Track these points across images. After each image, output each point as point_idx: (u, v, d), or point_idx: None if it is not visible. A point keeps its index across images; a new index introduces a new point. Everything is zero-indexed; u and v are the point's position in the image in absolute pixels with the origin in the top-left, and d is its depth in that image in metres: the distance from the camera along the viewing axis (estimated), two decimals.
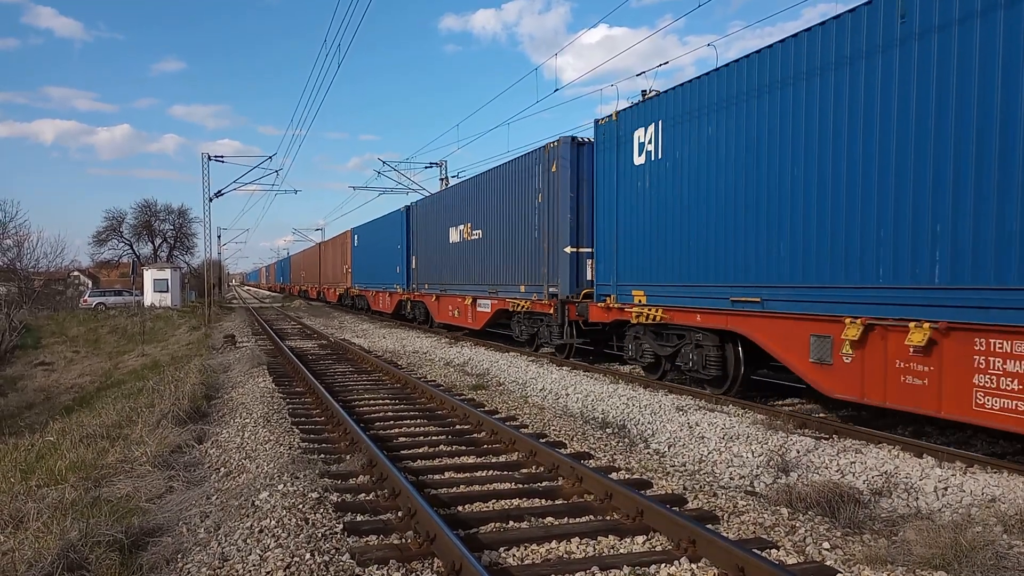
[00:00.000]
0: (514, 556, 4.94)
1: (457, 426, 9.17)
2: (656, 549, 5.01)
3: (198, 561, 4.78)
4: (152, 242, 67.08)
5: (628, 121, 12.20)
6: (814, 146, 8.41)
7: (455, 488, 6.47)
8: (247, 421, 9.30)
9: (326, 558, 4.75)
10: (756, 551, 4.63)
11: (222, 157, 33.36)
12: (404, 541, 5.10)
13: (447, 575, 4.48)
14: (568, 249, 14.19)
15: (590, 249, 13.82)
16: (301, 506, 5.68)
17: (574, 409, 10.39)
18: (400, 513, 5.57)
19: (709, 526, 5.20)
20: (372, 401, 11.04)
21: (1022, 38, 6.36)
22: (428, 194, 30.08)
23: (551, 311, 14.92)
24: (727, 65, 9.88)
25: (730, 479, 6.97)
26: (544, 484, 6.54)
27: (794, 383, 11.33)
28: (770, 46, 9.10)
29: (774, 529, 5.40)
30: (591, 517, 5.67)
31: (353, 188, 47.08)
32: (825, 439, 7.90)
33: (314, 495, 5.97)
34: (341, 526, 5.34)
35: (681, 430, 8.53)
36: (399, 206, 27.70)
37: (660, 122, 11.34)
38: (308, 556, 4.75)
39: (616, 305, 12.60)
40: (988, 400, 6.66)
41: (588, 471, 6.29)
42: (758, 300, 9.35)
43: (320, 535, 5.14)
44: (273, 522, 5.35)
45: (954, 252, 6.85)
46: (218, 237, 68.00)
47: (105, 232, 65.19)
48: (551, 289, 14.85)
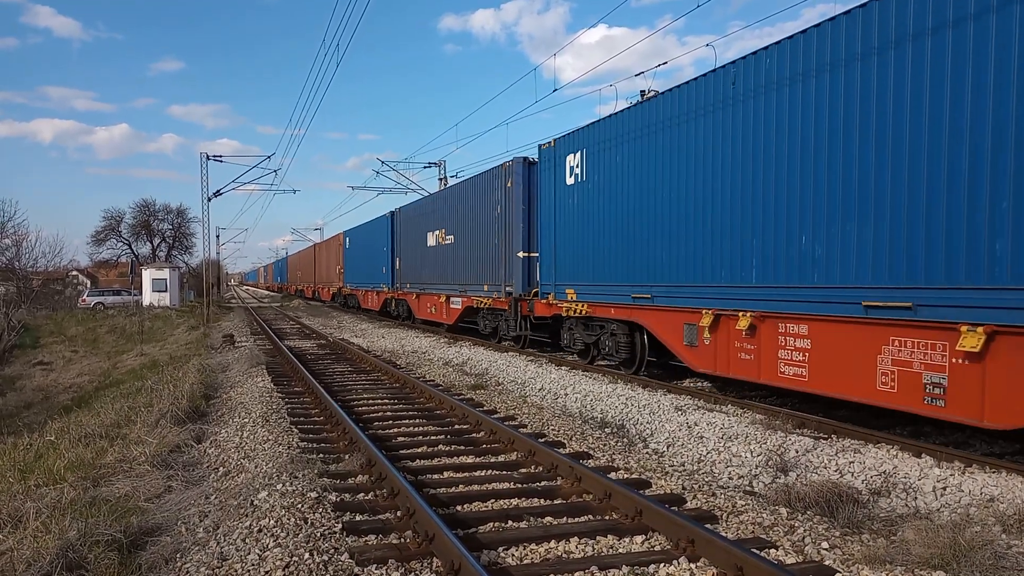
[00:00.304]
0: (513, 556, 4.94)
1: (456, 426, 9.17)
2: (655, 549, 5.01)
3: (197, 561, 4.78)
4: (151, 242, 67.13)
5: (563, 147, 14.30)
6: (678, 181, 10.79)
7: (454, 488, 6.47)
8: (246, 421, 9.29)
9: (325, 557, 4.75)
10: (755, 551, 4.63)
11: (221, 157, 33.34)
12: (403, 541, 5.10)
13: (446, 575, 4.48)
14: (521, 254, 16.36)
15: (538, 254, 15.64)
16: (300, 506, 5.68)
17: (573, 409, 10.39)
18: (399, 513, 5.57)
19: (708, 526, 5.20)
20: (371, 401, 11.04)
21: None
22: (426, 194, 30.21)
23: (507, 307, 17.09)
24: (632, 107, 12.09)
25: (729, 479, 6.97)
26: (543, 484, 6.54)
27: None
28: (658, 95, 11.42)
29: (773, 529, 5.40)
30: (590, 517, 5.67)
31: (352, 188, 47.10)
32: (824, 439, 7.91)
33: (313, 495, 5.96)
34: (340, 526, 5.34)
35: (680, 430, 8.54)
36: (397, 206, 28.15)
37: (585, 150, 13.52)
38: (307, 556, 4.75)
39: (555, 302, 14.67)
40: (786, 368, 8.84)
41: (587, 471, 6.29)
42: (649, 296, 11.57)
43: (319, 535, 5.13)
44: (272, 522, 5.35)
45: (763, 262, 9.17)
46: (217, 237, 67.91)
47: (104, 232, 65.29)
48: (507, 288, 16.94)
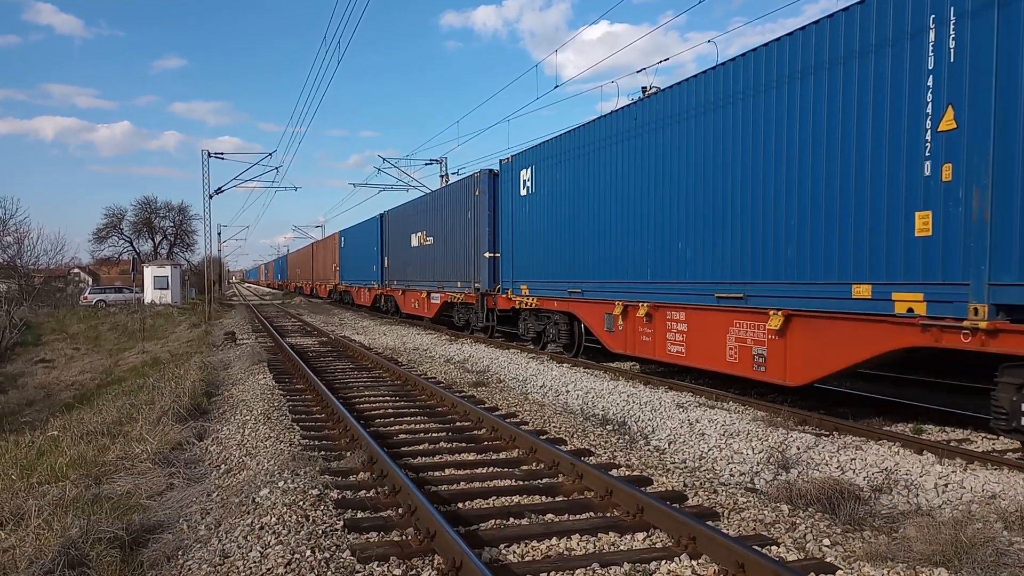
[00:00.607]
0: (514, 553, 4.94)
1: (457, 423, 9.17)
2: (656, 546, 5.01)
3: (199, 558, 4.78)
4: (152, 239, 67.15)
5: (518, 163, 16.69)
6: (600, 196, 13.24)
7: (455, 485, 6.48)
8: (247, 418, 9.30)
9: (327, 555, 4.75)
10: (756, 548, 4.63)
11: (222, 154, 33.38)
12: (404, 538, 5.11)
13: (447, 572, 4.48)
14: (487, 254, 18.50)
15: (500, 254, 17.94)
16: (302, 503, 5.68)
17: (574, 406, 10.39)
18: (400, 510, 5.57)
19: (709, 523, 5.20)
20: (372, 398, 11.04)
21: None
22: (425, 192, 30.33)
23: (475, 302, 19.47)
24: (567, 132, 14.47)
25: (730, 476, 6.97)
26: (544, 481, 6.54)
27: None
28: (583, 125, 13.92)
29: (774, 526, 5.40)
30: (591, 514, 5.67)
31: (353, 185, 47.30)
32: (825, 436, 7.91)
33: (314, 492, 5.97)
34: (342, 523, 5.34)
35: (681, 427, 8.54)
36: (401, 201, 28.75)
37: (534, 166, 15.92)
38: (309, 553, 4.75)
39: (512, 296, 17.06)
40: (672, 347, 11.24)
41: (588, 468, 6.29)
42: (580, 291, 13.95)
43: (321, 532, 5.14)
44: (274, 519, 5.35)
45: (655, 263, 11.61)
46: (218, 234, 68.16)
47: (105, 229, 65.32)
48: (476, 285, 19.17)
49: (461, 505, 5.92)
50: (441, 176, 35.49)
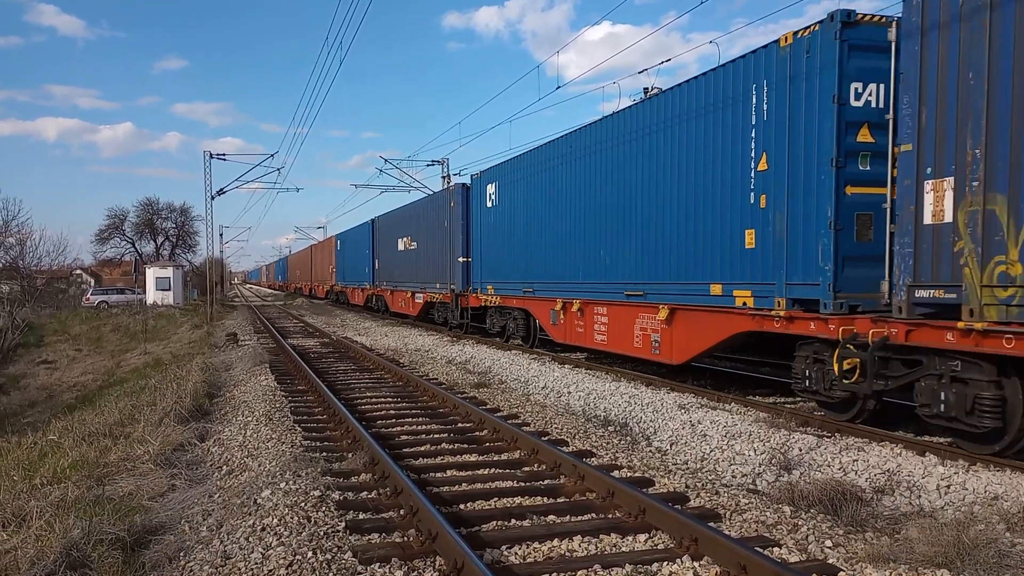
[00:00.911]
0: (516, 554, 4.94)
1: (459, 424, 9.17)
2: (658, 547, 5.01)
3: (200, 559, 4.78)
4: (154, 240, 67.21)
5: (486, 179, 18.90)
6: (547, 209, 15.39)
7: (457, 486, 6.48)
8: (249, 419, 9.30)
9: (328, 556, 4.75)
10: (758, 549, 4.63)
11: (224, 155, 33.38)
12: (406, 539, 5.11)
13: (449, 573, 4.48)
14: (461, 259, 20.49)
15: (471, 259, 20.05)
16: (303, 504, 5.68)
17: (576, 407, 10.39)
18: (402, 511, 5.57)
19: (711, 524, 5.20)
20: (374, 399, 11.04)
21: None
22: (429, 193, 30.44)
23: (451, 301, 21.64)
24: (523, 154, 16.65)
25: (732, 477, 6.97)
26: (546, 482, 6.54)
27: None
28: (535, 148, 15.99)
29: (776, 527, 5.40)
30: (593, 515, 5.67)
31: (355, 186, 47.27)
32: (827, 437, 7.90)
33: (316, 493, 5.97)
34: (343, 524, 5.34)
35: (683, 428, 8.53)
36: (401, 203, 29.09)
37: (498, 181, 18.07)
38: (310, 554, 4.75)
39: (481, 296, 19.19)
40: (598, 337, 13.37)
41: (590, 469, 6.29)
42: (533, 290, 16.00)
43: (322, 533, 5.14)
44: (275, 520, 5.35)
45: (585, 267, 13.74)
46: (220, 235, 68.09)
47: (107, 230, 65.39)
48: (451, 286, 21.28)
49: (463, 506, 5.92)
50: (443, 177, 35.53)
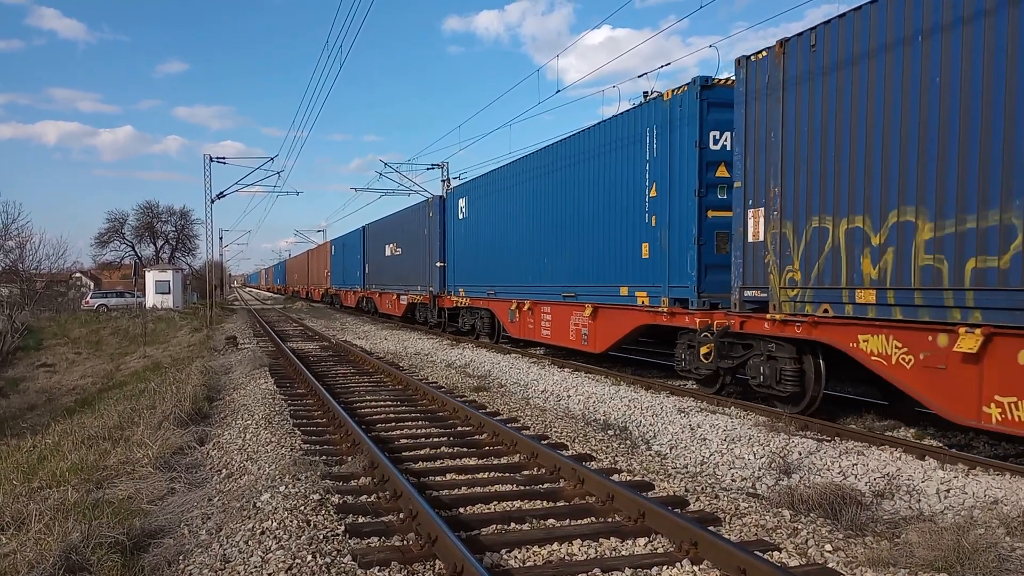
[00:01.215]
0: (516, 558, 4.93)
1: (459, 428, 9.16)
2: (658, 551, 5.00)
3: (200, 563, 4.78)
4: (154, 244, 67.17)
5: (458, 193, 21.74)
6: (506, 223, 17.71)
7: (457, 490, 6.47)
8: (249, 423, 9.30)
9: (328, 560, 4.75)
10: (758, 553, 4.62)
11: (224, 159, 33.35)
12: (406, 543, 5.10)
13: None
14: (438, 263, 22.65)
15: (446, 264, 22.27)
16: (303, 508, 5.68)
17: (576, 411, 10.38)
18: (402, 515, 5.57)
19: (711, 528, 5.19)
20: (374, 403, 11.04)
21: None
22: (428, 196, 30.54)
23: (429, 302, 23.90)
24: (488, 173, 19.35)
25: (732, 481, 6.96)
26: (546, 486, 6.53)
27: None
28: (496, 169, 18.71)
29: (776, 531, 5.39)
30: (593, 519, 5.66)
31: (355, 190, 47.26)
32: (827, 441, 7.89)
33: (316, 497, 5.96)
34: (343, 528, 5.34)
35: (683, 432, 8.53)
36: (401, 207, 29.90)
37: (467, 196, 20.66)
38: (310, 558, 4.75)
39: (454, 297, 21.39)
40: (544, 332, 15.56)
41: (590, 473, 6.29)
42: (494, 292, 18.19)
43: (322, 537, 5.13)
44: (275, 524, 5.35)
45: (534, 272, 16.10)
46: (220, 239, 68.06)
47: (107, 234, 65.32)
48: (430, 288, 23.52)
49: (462, 510, 5.91)
50: (442, 181, 35.50)
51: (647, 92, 12.88)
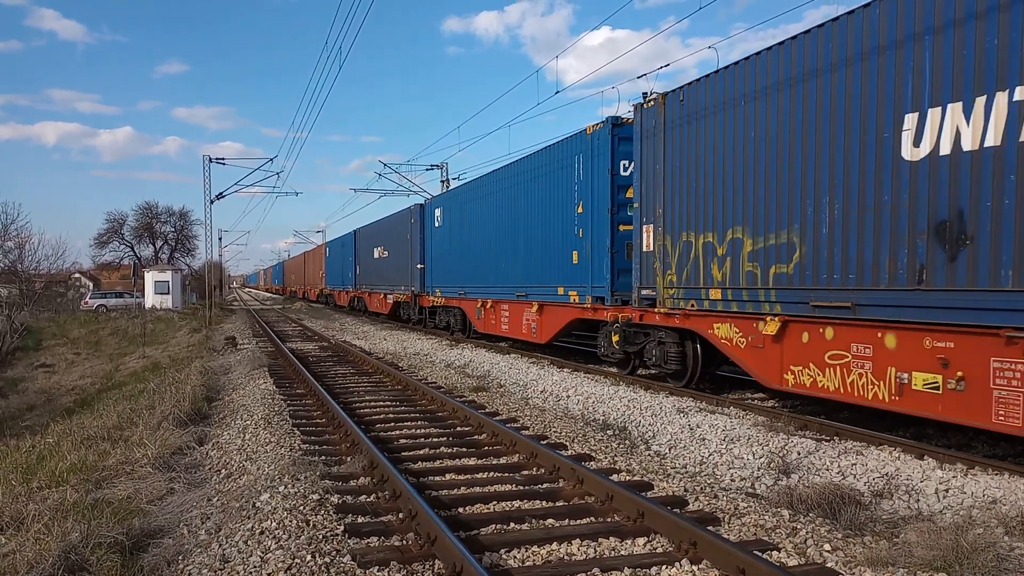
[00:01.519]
0: (515, 558, 4.94)
1: (458, 428, 9.17)
2: (657, 551, 5.01)
3: (199, 563, 4.78)
4: (153, 244, 67.14)
5: (434, 203, 24.04)
6: (473, 230, 19.90)
7: (456, 490, 6.47)
8: (248, 423, 9.30)
9: (327, 559, 4.75)
10: (757, 553, 4.63)
11: (223, 159, 33.38)
12: (405, 543, 5.10)
13: None
14: (419, 266, 24.59)
15: (426, 266, 24.32)
16: (302, 508, 5.68)
17: (575, 411, 10.39)
18: (401, 515, 5.57)
19: (710, 528, 5.20)
20: (373, 403, 11.04)
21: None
22: (428, 197, 30.60)
23: (411, 301, 26.04)
24: (460, 185, 22.35)
25: (731, 481, 6.96)
26: (545, 486, 6.54)
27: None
28: (466, 183, 21.45)
29: (775, 531, 5.40)
30: (592, 519, 5.67)
31: (354, 190, 47.54)
32: (826, 441, 7.90)
33: (315, 497, 5.97)
34: (342, 528, 5.34)
35: (682, 432, 8.53)
36: (401, 207, 30.40)
37: (443, 206, 22.90)
38: (309, 558, 4.75)
39: (432, 297, 23.66)
40: (503, 327, 17.64)
41: (589, 473, 6.29)
42: (464, 292, 20.27)
43: (321, 536, 5.14)
44: (274, 524, 5.35)
45: (495, 274, 18.14)
46: (219, 239, 68.02)
47: (106, 234, 65.30)
48: (412, 288, 25.49)
49: (461, 510, 5.91)
50: (442, 181, 35.56)
51: (646, 93, 12.87)
